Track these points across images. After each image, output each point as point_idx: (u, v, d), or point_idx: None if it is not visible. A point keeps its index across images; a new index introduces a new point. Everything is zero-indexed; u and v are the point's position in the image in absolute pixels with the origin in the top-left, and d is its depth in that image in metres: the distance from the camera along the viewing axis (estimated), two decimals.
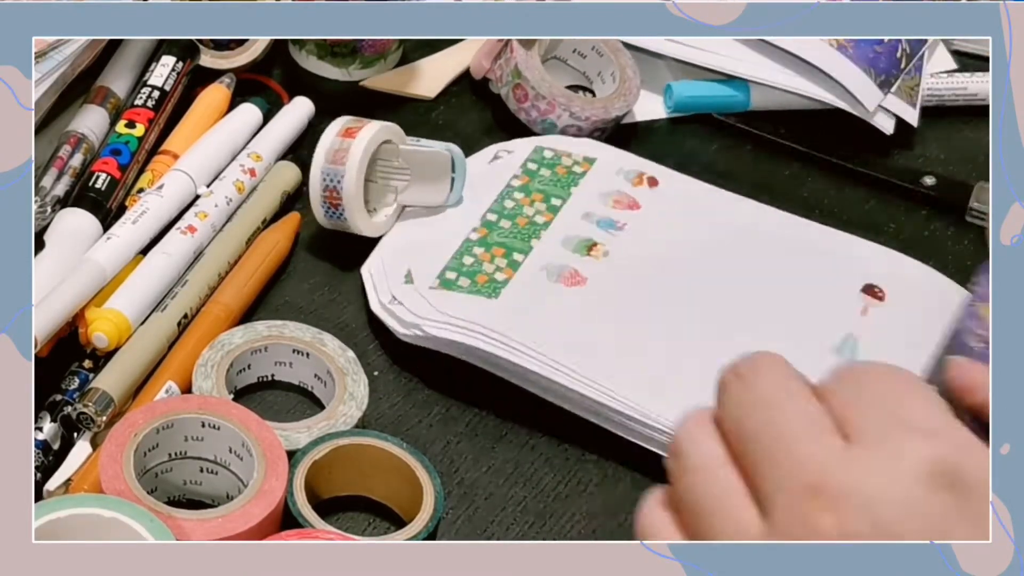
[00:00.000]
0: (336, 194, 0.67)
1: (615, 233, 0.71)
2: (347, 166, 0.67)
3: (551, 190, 0.72)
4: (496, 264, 0.68)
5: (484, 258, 0.68)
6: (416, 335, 0.64)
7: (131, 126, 0.70)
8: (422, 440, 0.62)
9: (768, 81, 0.81)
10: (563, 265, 0.68)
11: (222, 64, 0.77)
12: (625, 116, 0.79)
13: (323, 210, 0.68)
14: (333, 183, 0.67)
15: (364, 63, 0.80)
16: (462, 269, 0.67)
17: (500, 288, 0.66)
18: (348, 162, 0.67)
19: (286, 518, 0.56)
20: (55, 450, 0.58)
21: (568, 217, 0.71)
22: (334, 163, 0.67)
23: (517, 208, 0.71)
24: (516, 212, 0.71)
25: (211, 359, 0.61)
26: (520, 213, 0.71)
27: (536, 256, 0.69)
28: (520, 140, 0.76)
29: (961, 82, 0.85)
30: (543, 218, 0.71)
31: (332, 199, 0.67)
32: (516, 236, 0.69)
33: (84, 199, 0.66)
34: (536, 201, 0.72)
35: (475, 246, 0.68)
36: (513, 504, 0.61)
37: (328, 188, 0.67)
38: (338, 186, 0.67)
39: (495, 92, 0.79)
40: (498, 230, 0.69)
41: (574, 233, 0.70)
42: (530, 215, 0.71)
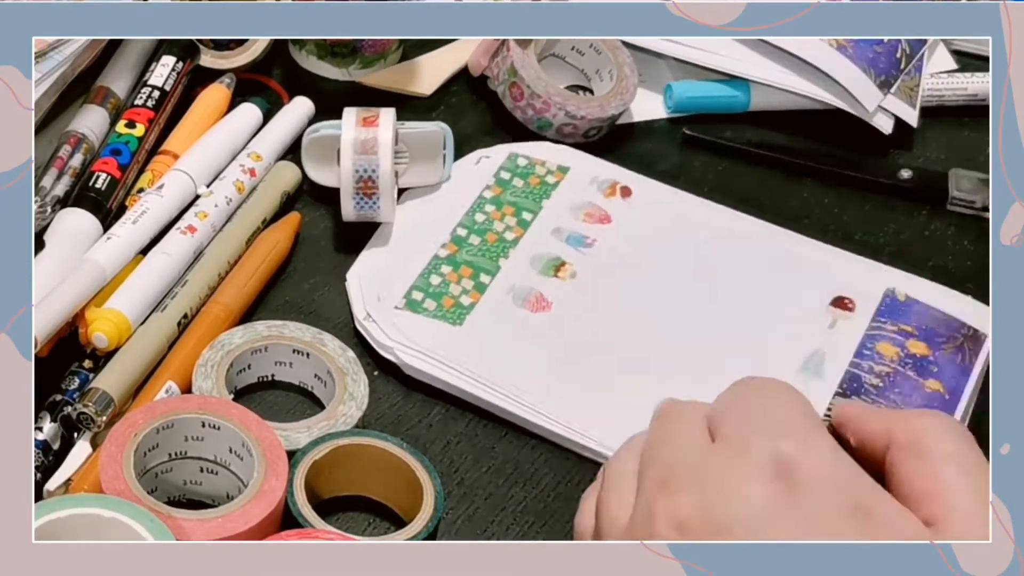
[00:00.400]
0: (372, 183, 0.67)
1: (584, 251, 0.71)
2: (379, 155, 0.67)
3: (522, 203, 0.72)
4: (463, 286, 0.68)
5: (451, 278, 0.68)
6: (389, 358, 0.64)
7: (131, 126, 0.70)
8: (422, 440, 0.62)
9: (768, 81, 0.81)
10: (529, 288, 0.68)
11: (222, 64, 0.77)
12: (622, 115, 0.79)
13: (354, 202, 0.68)
14: (368, 173, 0.67)
15: (364, 63, 0.80)
16: (429, 290, 0.67)
17: (465, 314, 0.66)
18: (380, 151, 0.67)
19: (286, 518, 0.56)
20: (55, 450, 0.58)
21: (538, 232, 0.71)
22: (364, 153, 0.67)
23: (487, 223, 0.71)
24: (486, 227, 0.71)
25: (211, 359, 0.61)
26: (490, 228, 0.71)
27: (503, 277, 0.68)
28: (497, 147, 0.76)
29: (961, 82, 0.85)
30: (513, 234, 0.71)
31: (366, 189, 0.67)
32: (484, 254, 0.69)
33: (84, 199, 0.66)
34: (507, 215, 0.71)
35: (443, 264, 0.68)
36: (513, 504, 0.61)
37: (362, 179, 0.67)
38: (373, 175, 0.67)
39: (493, 89, 0.79)
40: (467, 247, 0.69)
41: (542, 251, 0.70)
42: (500, 231, 0.71)
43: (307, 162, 0.70)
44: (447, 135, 0.71)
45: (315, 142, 0.70)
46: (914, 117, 0.82)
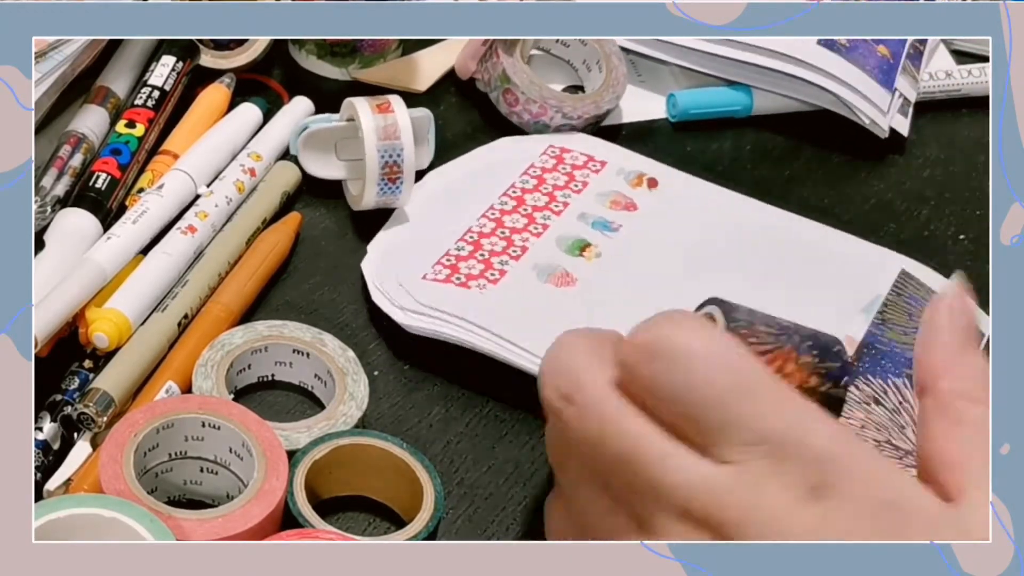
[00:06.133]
0: (397, 168, 0.68)
1: (609, 235, 0.71)
2: (403, 139, 0.68)
3: (553, 191, 0.73)
4: (489, 262, 0.68)
5: (475, 257, 0.68)
6: (412, 325, 0.64)
7: (131, 126, 0.70)
8: (422, 440, 0.62)
9: (770, 86, 0.81)
10: (554, 265, 0.69)
11: (222, 64, 0.77)
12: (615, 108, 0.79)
13: (378, 188, 0.69)
14: (393, 158, 0.68)
15: (364, 63, 0.80)
16: (453, 263, 0.68)
17: (489, 285, 0.67)
18: (402, 135, 0.68)
19: (286, 518, 0.56)
20: (55, 450, 0.58)
21: (566, 217, 0.72)
22: (387, 139, 0.68)
23: (519, 208, 0.71)
24: (516, 211, 0.71)
25: (211, 359, 0.61)
26: (522, 212, 0.71)
27: (529, 256, 0.69)
28: (529, 137, 0.76)
29: (960, 82, 0.85)
30: (541, 218, 0.71)
31: (392, 174, 0.68)
32: (512, 236, 0.70)
33: (84, 199, 0.66)
34: (539, 200, 0.72)
35: (468, 246, 0.69)
36: (513, 504, 0.61)
37: (388, 164, 0.68)
38: (399, 159, 0.68)
39: (483, 91, 0.79)
40: (495, 229, 0.70)
41: (568, 233, 0.71)
42: (528, 214, 0.71)
43: (305, 159, 0.71)
44: (430, 120, 0.72)
45: (311, 137, 0.70)
46: (909, 117, 0.82)
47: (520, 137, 0.77)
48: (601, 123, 0.79)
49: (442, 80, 0.81)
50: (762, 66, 0.80)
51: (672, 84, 0.83)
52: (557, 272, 0.68)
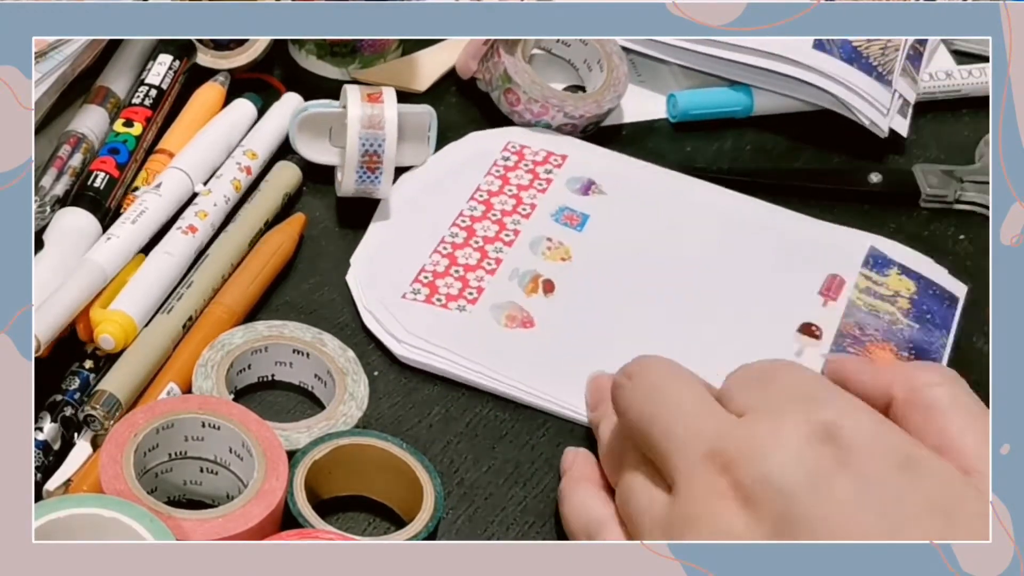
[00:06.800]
0: (377, 158, 0.69)
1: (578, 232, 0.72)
2: (386, 130, 0.69)
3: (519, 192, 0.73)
4: (465, 279, 0.68)
5: (451, 273, 0.68)
6: (408, 357, 0.65)
7: (129, 125, 0.70)
8: (422, 440, 0.62)
9: (770, 86, 0.81)
10: (530, 271, 0.69)
11: (222, 64, 0.76)
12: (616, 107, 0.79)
13: (356, 175, 0.69)
14: (373, 147, 0.68)
15: (364, 63, 0.80)
16: (431, 280, 0.68)
17: (468, 306, 0.67)
18: (386, 127, 0.69)
19: (286, 518, 0.56)
20: (55, 450, 0.58)
21: (535, 219, 0.72)
22: (371, 128, 0.68)
23: (488, 213, 0.72)
24: (486, 217, 0.72)
25: (211, 359, 0.61)
26: (491, 218, 0.72)
27: (503, 269, 0.69)
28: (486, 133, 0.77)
29: (960, 82, 0.85)
30: (511, 223, 0.71)
31: (371, 164, 0.69)
32: (486, 247, 0.70)
33: (82, 198, 0.66)
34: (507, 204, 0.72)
35: (443, 259, 0.69)
36: (513, 504, 0.61)
37: (368, 153, 0.69)
38: (379, 149, 0.69)
39: (483, 91, 0.79)
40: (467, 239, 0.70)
41: (541, 234, 0.71)
42: (498, 220, 0.72)
43: (300, 141, 0.71)
44: (432, 118, 0.73)
45: (307, 120, 0.71)
46: (908, 116, 0.82)
47: (480, 133, 0.77)
48: (602, 123, 0.79)
49: (443, 80, 0.81)
50: (762, 67, 0.80)
51: (672, 84, 0.83)
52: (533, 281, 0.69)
